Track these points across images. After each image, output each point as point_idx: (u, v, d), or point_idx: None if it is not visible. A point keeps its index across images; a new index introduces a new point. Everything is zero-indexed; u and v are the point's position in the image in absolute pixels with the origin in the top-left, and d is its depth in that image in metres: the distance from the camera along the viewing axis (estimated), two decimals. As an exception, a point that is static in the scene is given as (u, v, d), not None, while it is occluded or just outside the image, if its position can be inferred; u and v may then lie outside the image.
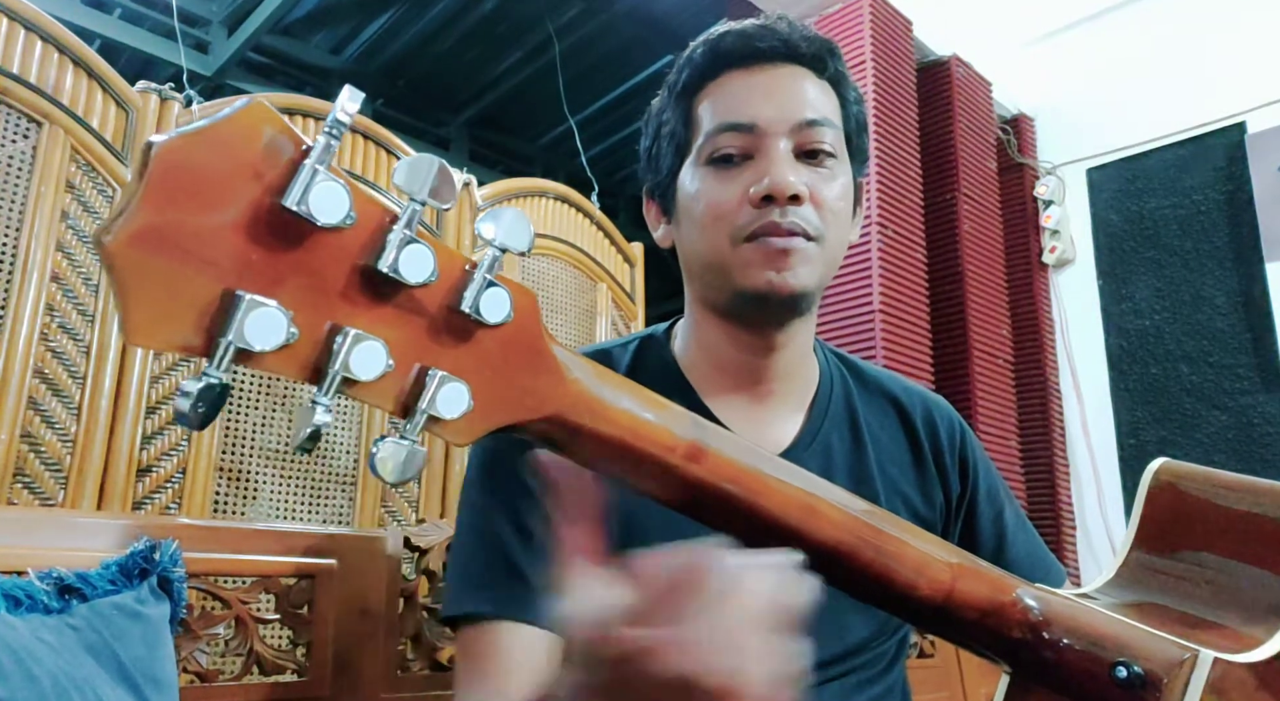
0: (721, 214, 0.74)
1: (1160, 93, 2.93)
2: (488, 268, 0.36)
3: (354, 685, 0.94)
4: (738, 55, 0.77)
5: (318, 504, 1.87)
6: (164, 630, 0.74)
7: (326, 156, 0.31)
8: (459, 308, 0.35)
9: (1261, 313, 2.64)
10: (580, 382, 0.40)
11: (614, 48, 3.87)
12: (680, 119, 0.79)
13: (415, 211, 0.34)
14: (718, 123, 0.76)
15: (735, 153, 0.75)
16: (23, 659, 0.60)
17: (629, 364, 0.83)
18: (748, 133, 0.75)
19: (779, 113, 0.74)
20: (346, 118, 0.31)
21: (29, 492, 1.50)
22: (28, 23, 1.65)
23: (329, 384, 0.33)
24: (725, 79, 0.78)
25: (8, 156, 1.58)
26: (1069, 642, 0.51)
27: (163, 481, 1.66)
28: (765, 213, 0.73)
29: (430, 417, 0.35)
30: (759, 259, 0.73)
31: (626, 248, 2.91)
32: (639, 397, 0.43)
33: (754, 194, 0.73)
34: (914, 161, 2.67)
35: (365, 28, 3.91)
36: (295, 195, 0.31)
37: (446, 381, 0.35)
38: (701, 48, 0.80)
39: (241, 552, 0.90)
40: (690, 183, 0.78)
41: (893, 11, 2.70)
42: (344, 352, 0.33)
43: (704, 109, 0.78)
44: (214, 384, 0.30)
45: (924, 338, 2.53)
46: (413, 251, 0.33)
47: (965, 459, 0.90)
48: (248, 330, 0.30)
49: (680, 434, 0.43)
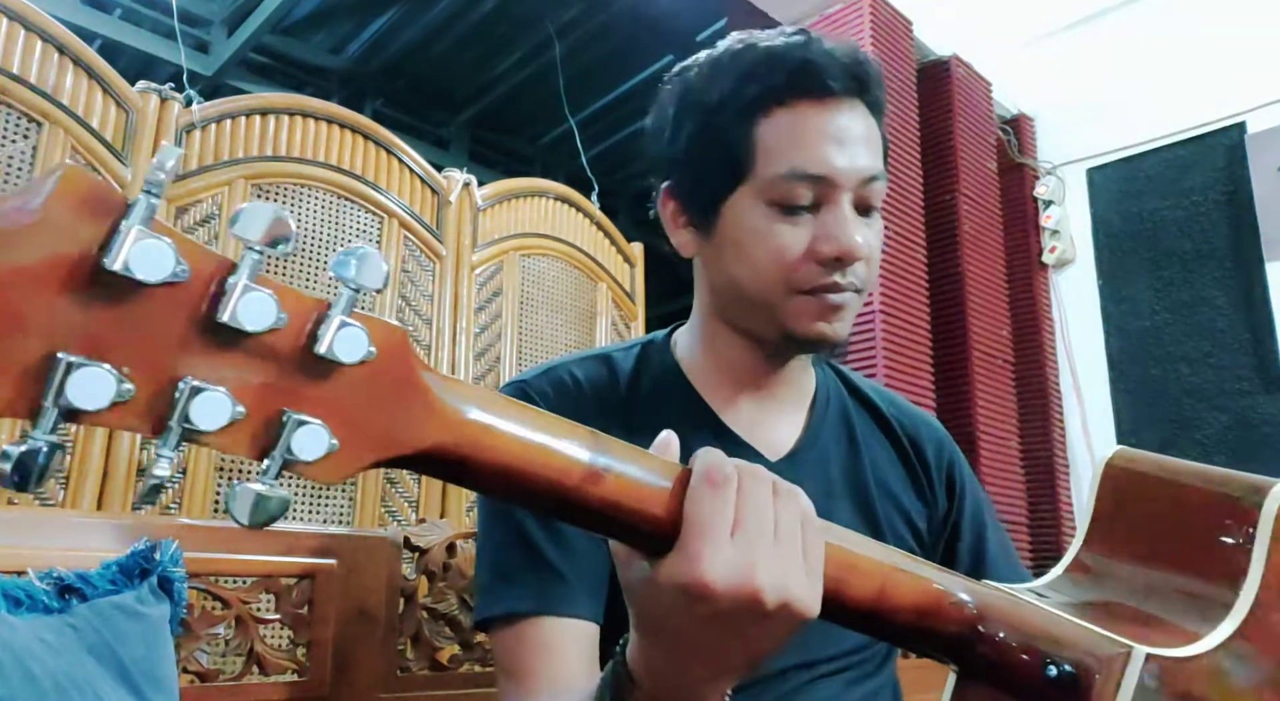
0: (785, 263, 0.73)
1: (1160, 93, 2.93)
2: (343, 308, 0.36)
3: (354, 685, 0.94)
4: (811, 88, 0.74)
5: (318, 504, 1.87)
6: (164, 630, 0.74)
7: (148, 214, 0.31)
8: (314, 350, 0.35)
9: (1261, 313, 2.64)
10: (461, 413, 0.40)
11: (614, 48, 3.87)
12: (741, 139, 0.74)
13: (254, 260, 0.34)
14: (792, 168, 0.73)
15: (804, 204, 0.73)
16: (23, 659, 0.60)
17: (632, 367, 0.83)
18: (819, 183, 0.73)
19: (850, 165, 0.73)
20: (163, 175, 0.32)
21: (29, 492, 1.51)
22: (28, 23, 1.65)
23: (170, 436, 0.33)
24: (796, 110, 0.74)
25: (8, 156, 1.58)
26: (1004, 638, 0.51)
27: (163, 481, 1.66)
28: (827, 271, 0.73)
29: (288, 461, 0.36)
30: (814, 311, 0.74)
31: (626, 248, 2.91)
32: (532, 424, 0.42)
33: (823, 253, 0.72)
34: (914, 161, 2.67)
35: (365, 28, 3.91)
36: (114, 256, 0.31)
37: (303, 424, 0.36)
38: (772, 68, 0.74)
39: (241, 552, 0.90)
40: (750, 217, 0.75)
41: (893, 11, 2.70)
42: (183, 403, 0.33)
43: (771, 140, 0.74)
44: (36, 448, 0.30)
45: (924, 337, 2.53)
46: (252, 299, 0.33)
47: (953, 478, 0.91)
48: (71, 391, 0.31)
49: (576, 458, 0.42)
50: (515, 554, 0.72)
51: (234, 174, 1.96)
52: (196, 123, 1.94)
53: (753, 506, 0.44)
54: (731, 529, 0.43)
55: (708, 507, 0.43)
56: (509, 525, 0.73)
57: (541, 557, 0.71)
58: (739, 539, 0.43)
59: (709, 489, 0.44)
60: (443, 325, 2.29)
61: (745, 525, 0.43)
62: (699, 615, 0.43)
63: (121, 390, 0.32)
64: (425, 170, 2.37)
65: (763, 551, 0.43)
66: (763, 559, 0.43)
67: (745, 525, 0.43)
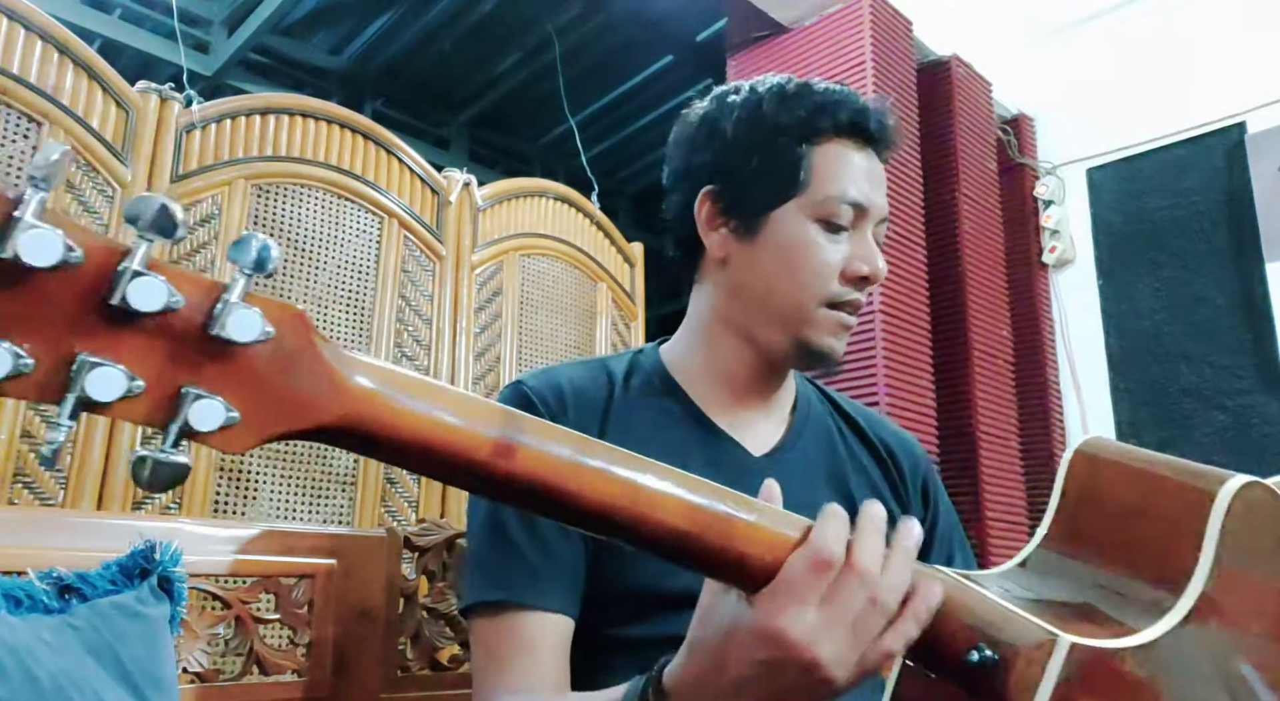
0: (822, 274, 0.82)
1: (1160, 93, 2.93)
2: (238, 292, 0.38)
3: (354, 685, 0.94)
4: (862, 131, 0.85)
5: (318, 504, 1.87)
6: (164, 630, 0.74)
7: (39, 206, 0.34)
8: (210, 331, 0.38)
9: (1261, 313, 2.64)
10: (366, 387, 0.42)
11: (614, 48, 3.86)
12: (800, 159, 0.83)
13: (143, 246, 0.37)
14: (843, 192, 0.82)
15: (844, 224, 0.83)
16: (23, 659, 0.60)
17: (624, 372, 0.88)
18: (858, 210, 0.83)
19: (879, 202, 0.85)
20: (48, 167, 0.34)
21: (29, 492, 1.51)
22: (27, 23, 1.65)
23: (66, 406, 0.36)
24: (843, 145, 0.84)
25: (8, 156, 1.58)
26: (937, 622, 0.52)
27: (163, 481, 1.66)
28: (856, 289, 0.83)
29: (186, 432, 0.39)
30: (833, 326, 0.83)
31: (626, 248, 2.91)
32: (440, 399, 0.44)
33: (859, 271, 0.82)
34: (914, 161, 2.67)
35: (365, 28, 3.91)
36: (7, 245, 0.34)
37: (200, 398, 0.38)
38: (840, 106, 0.85)
39: (241, 553, 0.90)
40: (797, 229, 0.83)
41: (893, 11, 2.70)
42: (79, 377, 0.36)
43: (823, 165, 0.83)
44: None
45: (924, 337, 2.53)
46: (142, 284, 0.36)
47: (928, 492, 0.95)
48: None
49: (486, 432, 0.44)
50: (494, 547, 0.77)
51: (234, 174, 1.96)
52: (196, 123, 1.94)
53: (847, 590, 0.50)
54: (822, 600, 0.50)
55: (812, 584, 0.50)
56: (491, 520, 0.78)
57: (517, 552, 0.76)
58: (825, 611, 0.50)
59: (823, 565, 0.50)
60: (443, 325, 2.29)
61: (836, 602, 0.50)
62: (758, 656, 0.51)
63: (19, 364, 0.35)
64: (425, 170, 2.37)
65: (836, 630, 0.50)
66: (833, 636, 0.50)
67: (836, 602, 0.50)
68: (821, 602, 0.50)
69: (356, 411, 0.42)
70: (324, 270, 2.03)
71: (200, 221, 1.91)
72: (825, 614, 0.49)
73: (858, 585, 0.50)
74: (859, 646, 0.50)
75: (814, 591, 0.49)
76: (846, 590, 0.50)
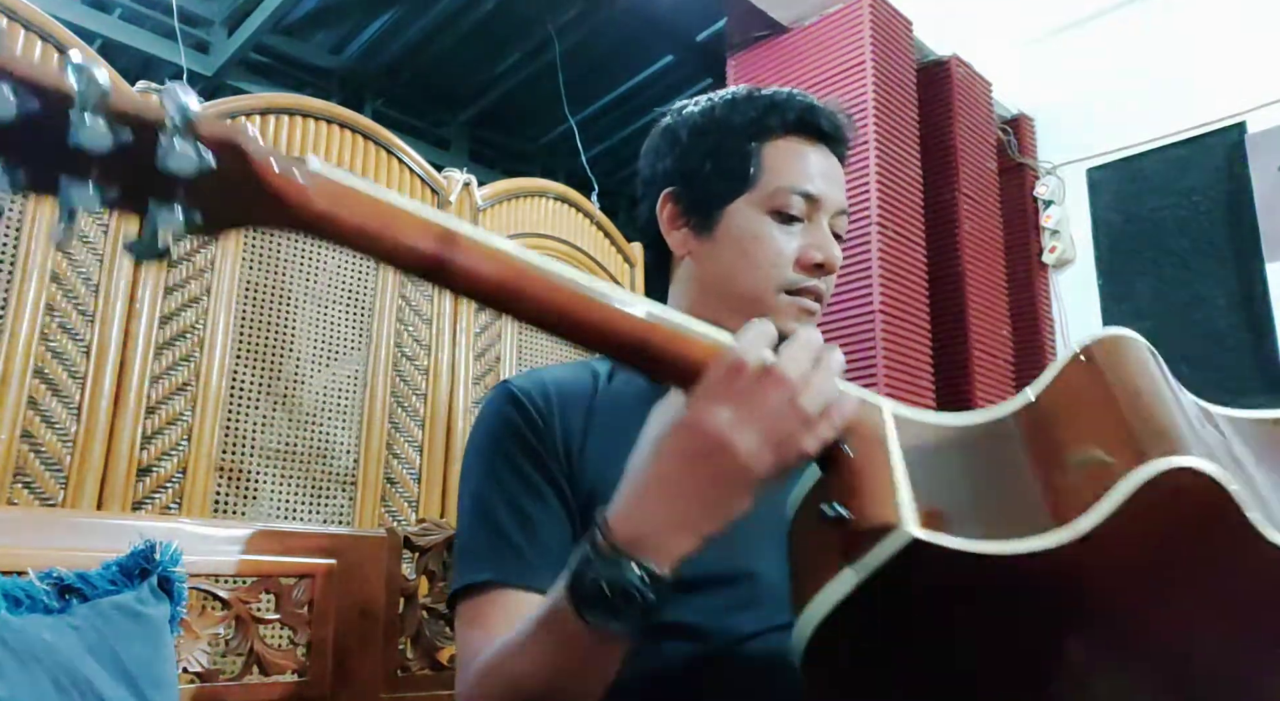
0: (777, 263, 0.86)
1: (1160, 93, 2.93)
2: (171, 132, 0.43)
3: (354, 685, 0.94)
4: (812, 127, 0.89)
5: (318, 504, 1.87)
6: (164, 630, 0.74)
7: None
8: (156, 165, 0.44)
9: (1261, 313, 2.64)
10: (319, 178, 0.48)
11: (614, 48, 3.86)
12: (750, 156, 0.88)
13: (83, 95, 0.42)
14: (792, 184, 0.87)
15: (797, 214, 0.87)
16: (23, 659, 0.60)
17: (609, 366, 0.92)
18: (810, 201, 0.87)
19: (834, 195, 0.89)
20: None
21: (29, 492, 1.51)
22: (28, 23, 1.65)
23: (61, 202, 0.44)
24: (797, 143, 0.89)
25: (8, 156, 1.58)
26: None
27: (163, 481, 1.66)
28: (810, 277, 0.87)
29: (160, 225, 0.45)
30: (794, 312, 0.87)
31: (626, 247, 2.91)
32: (388, 194, 0.50)
33: (812, 258, 0.86)
34: (914, 161, 2.67)
35: (365, 28, 3.91)
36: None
37: (164, 206, 0.45)
38: (788, 105, 0.89)
39: (241, 552, 0.90)
40: (749, 222, 0.87)
41: (893, 11, 2.70)
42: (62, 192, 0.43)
43: (775, 160, 0.88)
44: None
45: (924, 337, 2.53)
46: (90, 127, 0.42)
47: None
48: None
49: (432, 218, 0.51)
50: (481, 534, 0.80)
51: (234, 174, 1.96)
52: (196, 123, 1.94)
53: (764, 391, 0.56)
54: (741, 398, 0.56)
55: (729, 382, 0.56)
56: (478, 507, 0.81)
57: (504, 535, 0.79)
58: (742, 409, 0.56)
59: (738, 368, 0.56)
60: (443, 325, 2.29)
61: (753, 401, 0.56)
62: (681, 447, 0.58)
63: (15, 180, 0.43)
64: (425, 170, 2.37)
65: (751, 426, 0.56)
66: (747, 431, 0.56)
67: (753, 401, 0.56)
68: (740, 401, 0.56)
69: (311, 198, 0.48)
70: (324, 270, 2.03)
71: (200, 221, 1.91)
72: (742, 411, 0.56)
73: (773, 386, 0.56)
74: (773, 443, 0.56)
75: (731, 389, 0.56)
76: (763, 391, 0.56)
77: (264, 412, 1.80)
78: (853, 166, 2.51)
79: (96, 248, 1.65)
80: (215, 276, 1.81)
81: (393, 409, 2.01)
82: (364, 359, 2.00)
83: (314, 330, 1.93)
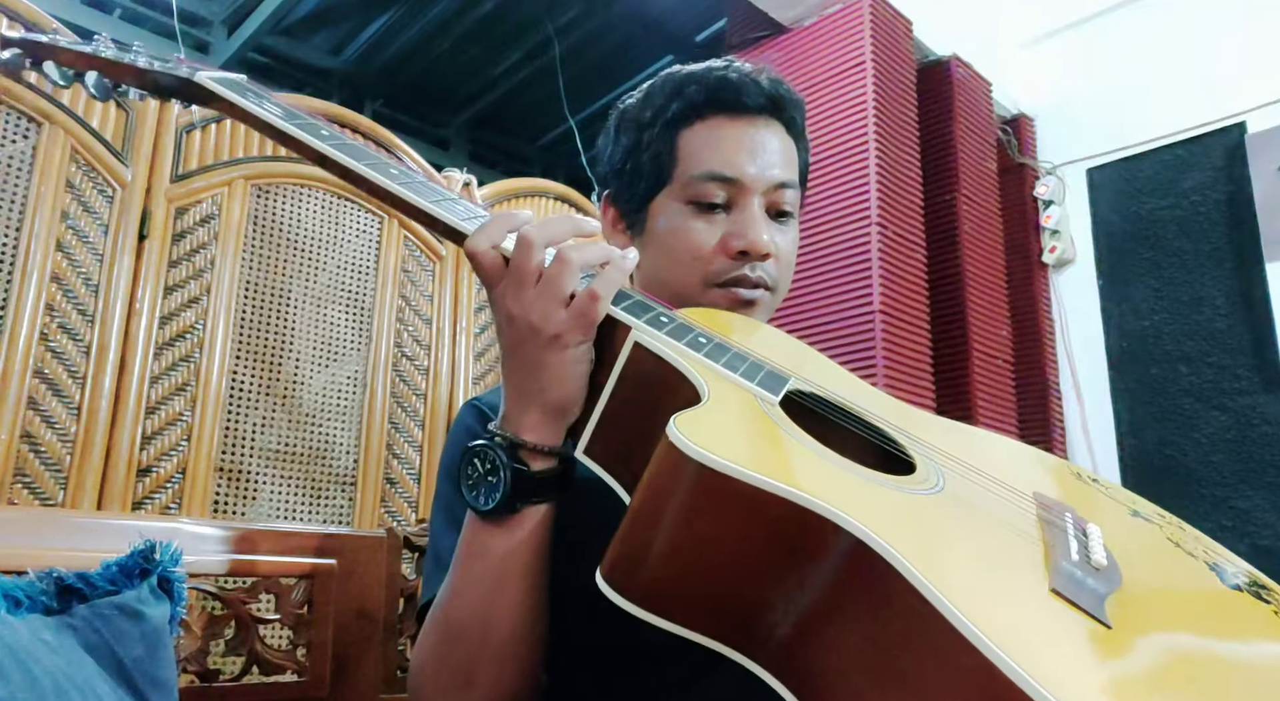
0: (698, 256, 0.82)
1: (1160, 93, 2.93)
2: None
3: (354, 685, 0.94)
4: (728, 103, 0.84)
5: (318, 504, 1.87)
6: (164, 630, 0.74)
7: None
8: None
9: (1261, 313, 2.64)
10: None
11: (613, 48, 3.86)
12: (665, 148, 0.84)
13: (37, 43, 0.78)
14: (705, 170, 0.82)
15: (718, 202, 0.82)
16: (23, 659, 0.60)
17: None
18: (730, 185, 0.82)
19: (760, 171, 0.82)
20: None
21: (29, 492, 1.51)
22: (28, 23, 1.65)
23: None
24: (714, 123, 0.84)
25: (8, 156, 1.58)
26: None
27: (163, 481, 1.66)
28: (738, 264, 0.81)
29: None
30: (726, 305, 0.82)
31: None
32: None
33: (733, 246, 0.81)
34: (914, 162, 2.67)
35: (365, 28, 3.91)
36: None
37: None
38: (695, 86, 0.85)
39: (241, 552, 0.90)
40: (669, 216, 0.84)
41: (893, 12, 2.70)
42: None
43: (690, 147, 0.84)
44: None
45: (924, 337, 2.53)
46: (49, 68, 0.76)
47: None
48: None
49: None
50: (448, 544, 0.78)
51: (234, 174, 1.96)
52: (196, 123, 1.94)
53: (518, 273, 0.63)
54: (535, 279, 0.62)
55: (523, 270, 0.62)
56: (447, 522, 0.79)
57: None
58: (515, 288, 0.63)
59: (529, 252, 0.63)
60: (443, 325, 2.29)
61: (521, 277, 0.63)
62: (505, 332, 0.65)
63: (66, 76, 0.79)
64: (425, 170, 2.37)
65: (541, 300, 0.62)
66: (538, 305, 0.62)
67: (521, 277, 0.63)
68: (509, 281, 0.63)
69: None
70: (324, 270, 2.03)
71: (200, 222, 1.91)
72: (510, 287, 0.63)
73: (522, 268, 0.62)
74: (540, 309, 0.62)
75: (499, 274, 0.64)
76: (519, 270, 0.62)
77: (264, 413, 1.80)
78: (853, 166, 2.51)
79: (97, 248, 1.65)
80: (215, 276, 1.81)
81: (392, 409, 2.01)
82: (363, 359, 2.00)
83: (313, 330, 1.93)
